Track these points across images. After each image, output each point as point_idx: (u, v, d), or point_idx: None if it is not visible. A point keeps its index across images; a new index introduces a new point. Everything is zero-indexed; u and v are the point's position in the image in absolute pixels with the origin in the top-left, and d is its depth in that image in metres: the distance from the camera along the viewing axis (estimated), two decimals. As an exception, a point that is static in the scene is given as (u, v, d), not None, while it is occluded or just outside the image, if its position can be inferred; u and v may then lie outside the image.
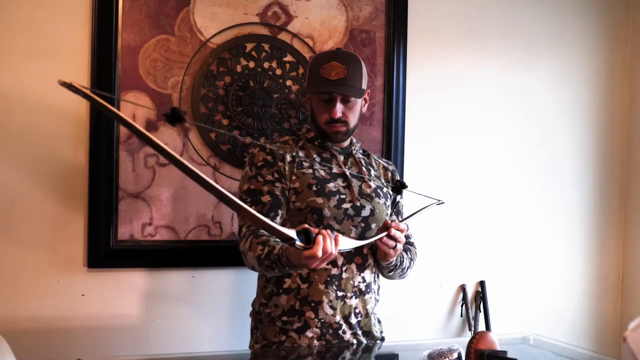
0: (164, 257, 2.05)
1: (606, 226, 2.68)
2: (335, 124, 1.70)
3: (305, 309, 1.65)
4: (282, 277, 1.67)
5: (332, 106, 1.69)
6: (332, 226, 1.65)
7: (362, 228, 1.69)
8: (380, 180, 1.81)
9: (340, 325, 1.66)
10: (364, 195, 1.72)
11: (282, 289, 1.67)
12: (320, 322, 1.65)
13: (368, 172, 1.79)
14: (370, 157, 1.86)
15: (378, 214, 1.71)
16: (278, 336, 1.67)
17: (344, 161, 1.76)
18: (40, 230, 1.94)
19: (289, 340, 1.66)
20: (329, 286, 1.65)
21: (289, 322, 1.66)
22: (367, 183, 1.74)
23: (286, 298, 1.66)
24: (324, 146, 1.75)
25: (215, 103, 2.08)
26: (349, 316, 1.67)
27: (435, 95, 2.40)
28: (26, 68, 1.92)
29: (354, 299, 1.68)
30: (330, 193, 1.66)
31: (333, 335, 1.66)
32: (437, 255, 2.43)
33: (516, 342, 1.84)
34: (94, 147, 1.97)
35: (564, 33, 2.59)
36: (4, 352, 1.28)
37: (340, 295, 1.66)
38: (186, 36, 2.06)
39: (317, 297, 1.64)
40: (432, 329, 2.43)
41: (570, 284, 2.63)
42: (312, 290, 1.64)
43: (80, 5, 1.96)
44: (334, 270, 1.65)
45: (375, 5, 2.27)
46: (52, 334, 1.96)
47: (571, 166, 2.62)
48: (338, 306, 1.66)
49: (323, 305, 1.64)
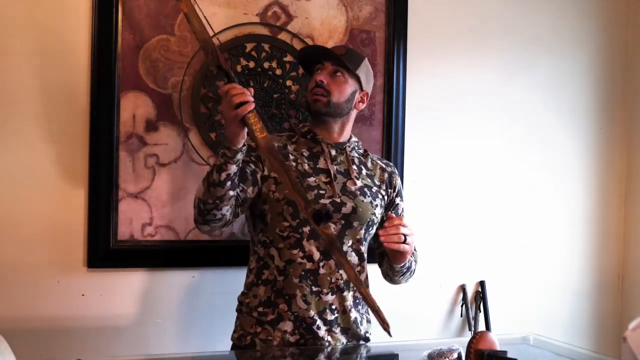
0: (164, 257, 2.05)
1: (606, 226, 2.68)
2: (317, 88, 1.71)
3: (279, 302, 1.65)
4: (262, 268, 1.68)
5: (320, 72, 1.74)
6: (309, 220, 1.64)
7: (342, 225, 1.68)
8: (373, 179, 1.79)
9: (314, 320, 1.65)
10: (347, 192, 1.70)
11: (260, 280, 1.68)
12: (294, 316, 1.64)
13: (359, 169, 1.77)
14: (368, 156, 1.85)
15: (361, 212, 1.69)
16: (254, 327, 1.67)
17: (334, 156, 1.75)
18: (40, 230, 1.94)
19: (264, 332, 1.66)
20: (303, 280, 1.65)
21: (264, 314, 1.66)
22: (352, 180, 1.73)
23: (264, 289, 1.67)
24: (316, 139, 1.75)
25: (215, 103, 2.08)
26: (324, 312, 1.66)
27: (435, 95, 2.40)
28: (26, 68, 1.92)
29: (330, 295, 1.67)
30: (309, 187, 1.66)
31: (307, 330, 1.65)
32: (437, 255, 2.42)
33: (516, 342, 1.84)
34: (94, 147, 1.96)
35: (564, 33, 2.59)
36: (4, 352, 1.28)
37: (315, 291, 1.65)
38: (186, 36, 2.05)
39: (291, 290, 1.65)
40: (432, 329, 2.43)
41: (570, 283, 2.63)
42: (286, 283, 1.65)
43: (80, 5, 1.96)
44: (309, 265, 1.65)
45: (375, 5, 2.27)
46: (52, 334, 1.96)
47: (571, 166, 2.62)
48: (312, 301, 1.65)
49: (296, 299, 1.64)
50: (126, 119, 2.00)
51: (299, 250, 1.65)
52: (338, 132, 1.78)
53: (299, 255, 1.65)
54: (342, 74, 1.73)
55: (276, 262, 1.67)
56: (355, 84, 1.76)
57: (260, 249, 1.70)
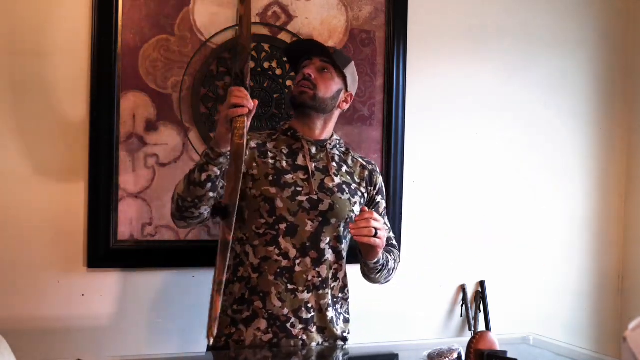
0: (164, 257, 2.05)
1: (606, 226, 2.68)
2: (304, 81, 1.72)
3: (254, 299, 1.65)
4: (237, 266, 1.68)
5: (308, 66, 1.74)
6: (286, 218, 1.64)
7: (319, 222, 1.67)
8: (352, 176, 1.78)
9: (288, 318, 1.64)
10: (325, 189, 1.70)
11: (236, 277, 1.68)
12: (268, 314, 1.64)
13: (338, 167, 1.77)
14: (349, 154, 1.84)
15: (339, 209, 1.68)
16: (229, 328, 1.67)
17: (314, 154, 1.74)
18: (41, 230, 1.94)
19: (237, 333, 1.65)
20: (278, 278, 1.64)
21: (238, 312, 1.66)
22: (330, 177, 1.72)
23: (239, 286, 1.67)
24: (296, 137, 1.75)
25: (215, 103, 2.08)
26: (299, 310, 1.65)
27: (436, 95, 2.40)
28: (26, 68, 1.92)
29: (306, 294, 1.66)
30: (286, 184, 1.66)
31: (280, 328, 1.64)
32: (437, 255, 2.42)
33: (516, 342, 1.84)
34: (94, 147, 1.97)
35: (564, 32, 2.59)
36: (4, 352, 1.28)
37: (290, 289, 1.64)
38: (186, 36, 2.05)
39: (265, 288, 1.64)
40: (432, 329, 2.43)
41: (570, 284, 2.63)
42: (261, 280, 1.64)
43: (80, 5, 1.96)
44: (285, 262, 1.64)
45: (375, 5, 2.27)
46: (52, 334, 1.96)
47: (571, 166, 2.62)
48: (288, 299, 1.64)
49: (271, 297, 1.63)
50: (126, 119, 2.00)
51: (274, 248, 1.64)
52: (320, 130, 1.77)
53: (275, 252, 1.64)
54: (330, 71, 1.74)
55: (251, 260, 1.66)
56: (341, 83, 1.76)
57: (237, 246, 1.69)
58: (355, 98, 2.26)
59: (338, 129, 2.23)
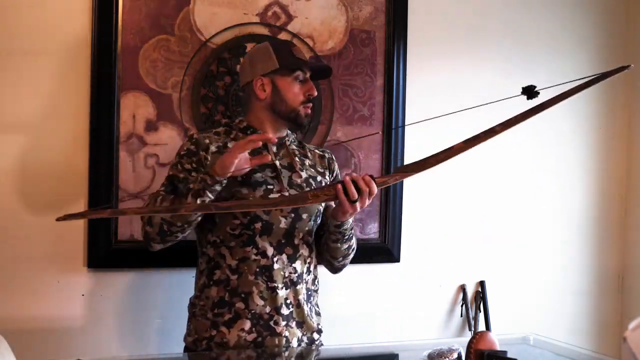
0: (164, 257, 2.04)
1: (606, 226, 2.68)
2: (309, 103, 1.72)
3: (235, 300, 1.64)
4: (213, 269, 1.67)
5: (310, 85, 1.72)
6: (260, 216, 1.64)
7: (292, 218, 1.68)
8: (316, 168, 1.79)
9: (271, 316, 1.64)
10: (294, 185, 1.70)
11: (212, 281, 1.67)
12: (251, 314, 1.64)
13: (301, 161, 1.77)
14: (305, 147, 1.84)
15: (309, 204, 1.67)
16: (209, 331, 1.66)
17: (276, 151, 1.73)
18: (40, 230, 1.94)
19: (219, 335, 1.64)
20: (258, 277, 1.64)
21: (219, 314, 1.65)
22: (297, 173, 1.72)
23: (216, 290, 1.66)
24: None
25: (215, 103, 2.08)
26: (281, 307, 1.66)
27: (435, 95, 2.39)
28: (26, 68, 1.92)
29: (284, 290, 1.66)
30: (257, 183, 1.65)
31: (264, 327, 1.64)
32: (437, 255, 2.43)
33: (516, 342, 1.84)
34: (94, 147, 1.96)
35: (564, 33, 2.59)
36: (4, 352, 1.28)
37: (271, 286, 1.65)
38: (186, 36, 2.05)
39: (246, 288, 1.64)
40: (432, 329, 2.43)
41: (570, 283, 2.63)
42: (241, 281, 1.64)
43: (80, 6, 1.96)
44: (263, 261, 1.65)
45: (375, 5, 2.27)
46: (52, 334, 1.96)
47: (571, 166, 2.62)
48: (269, 297, 1.65)
49: (253, 296, 1.63)
50: (126, 119, 2.00)
51: (252, 247, 1.64)
52: (279, 129, 1.76)
53: (253, 252, 1.64)
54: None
55: (228, 261, 1.65)
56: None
57: (210, 249, 1.69)
58: (355, 98, 2.27)
59: (338, 129, 2.24)
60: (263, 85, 1.70)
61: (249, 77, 1.72)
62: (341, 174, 2.23)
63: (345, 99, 2.24)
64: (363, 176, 1.54)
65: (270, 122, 1.73)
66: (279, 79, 1.70)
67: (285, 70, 1.69)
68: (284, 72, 1.69)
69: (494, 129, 1.60)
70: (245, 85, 1.76)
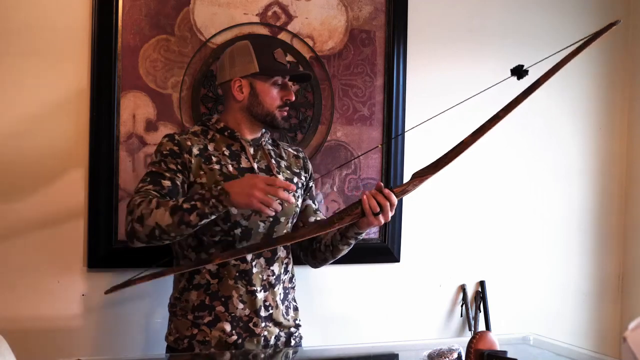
0: (164, 257, 2.04)
1: (606, 226, 2.68)
2: (286, 107, 1.73)
3: (216, 304, 1.66)
4: (193, 273, 1.68)
5: (289, 90, 1.73)
6: (240, 222, 1.64)
7: (270, 222, 1.69)
8: (291, 169, 1.80)
9: (250, 318, 1.67)
10: None
11: (192, 285, 1.68)
12: (231, 316, 1.66)
13: (277, 163, 1.78)
14: (280, 147, 1.84)
15: (286, 206, 1.68)
16: (190, 329, 1.68)
17: (253, 154, 1.73)
18: (40, 230, 1.94)
19: (201, 333, 1.66)
20: (238, 281, 1.66)
21: (199, 317, 1.67)
22: (274, 176, 1.71)
23: (196, 294, 1.67)
24: (234, 137, 1.72)
25: (215, 103, 2.08)
26: (259, 309, 1.68)
27: (435, 95, 2.39)
28: (26, 68, 1.92)
29: (263, 293, 1.69)
30: None
31: (244, 328, 1.67)
32: (437, 255, 2.43)
33: (516, 342, 1.84)
34: (94, 147, 1.96)
35: (564, 33, 2.59)
36: (4, 352, 1.28)
37: (250, 290, 1.67)
38: (186, 36, 2.05)
39: (226, 292, 1.66)
40: (432, 329, 2.43)
41: (570, 283, 2.63)
42: (221, 285, 1.66)
43: (80, 5, 1.96)
44: (243, 265, 1.66)
45: (375, 5, 2.27)
46: (52, 334, 1.96)
47: (571, 166, 2.62)
48: (248, 300, 1.67)
49: (233, 300, 1.66)
50: (126, 119, 2.00)
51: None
52: (255, 130, 1.76)
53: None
54: None
55: (208, 266, 1.66)
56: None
57: (191, 253, 1.69)
58: (355, 98, 2.27)
59: (338, 129, 2.24)
60: (241, 87, 1.69)
61: (227, 76, 1.71)
62: (341, 174, 2.24)
63: (345, 99, 2.24)
64: (382, 190, 1.56)
65: (246, 123, 1.73)
66: (257, 82, 1.69)
67: (264, 74, 1.69)
68: (263, 76, 1.69)
69: (497, 115, 1.62)
70: (222, 83, 1.74)
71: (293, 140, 2.15)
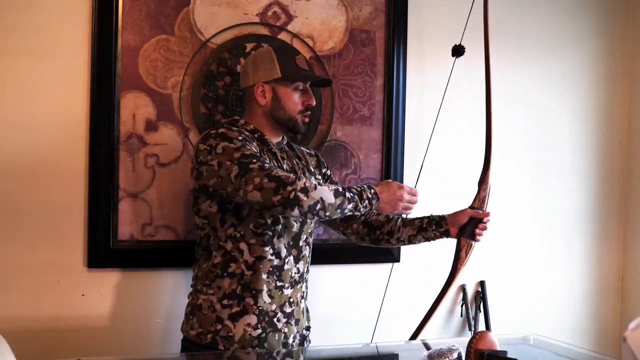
0: (164, 257, 2.05)
1: (606, 226, 2.68)
2: (308, 112, 1.79)
3: (246, 295, 1.69)
4: (229, 262, 1.71)
5: (310, 95, 1.79)
6: (280, 219, 1.71)
7: (301, 222, 1.77)
8: (308, 169, 1.88)
9: (275, 313, 1.72)
10: None
11: (226, 273, 1.71)
12: (258, 310, 1.69)
13: (298, 164, 1.85)
14: (294, 148, 1.90)
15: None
16: (214, 325, 1.69)
17: (281, 156, 1.79)
18: (40, 230, 1.94)
19: (225, 329, 1.68)
20: (270, 276, 1.71)
21: (228, 306, 1.69)
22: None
23: (229, 282, 1.70)
24: (264, 140, 1.76)
25: (215, 103, 2.08)
26: (284, 305, 1.73)
27: (435, 95, 2.39)
28: (26, 68, 1.92)
29: (289, 289, 1.75)
30: None
31: (268, 323, 1.70)
32: (437, 255, 2.42)
33: (516, 342, 1.84)
34: (94, 147, 1.96)
35: (564, 33, 2.59)
36: (4, 352, 1.28)
37: (279, 285, 1.72)
38: (186, 36, 2.05)
39: (258, 285, 1.69)
40: (432, 329, 2.43)
41: (571, 284, 2.63)
42: (255, 278, 1.70)
43: (80, 6, 1.96)
44: (276, 261, 1.71)
45: (375, 5, 2.27)
46: (52, 334, 1.96)
47: (571, 166, 2.62)
48: (276, 295, 1.71)
49: (262, 294, 1.70)
50: (126, 119, 2.00)
51: (269, 248, 1.71)
52: (277, 134, 1.82)
53: (269, 252, 1.71)
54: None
55: (245, 257, 1.70)
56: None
57: (228, 243, 1.71)
58: (355, 98, 2.27)
59: (338, 129, 2.24)
60: (264, 92, 1.76)
61: (250, 81, 1.78)
62: (341, 174, 2.24)
63: (345, 99, 2.24)
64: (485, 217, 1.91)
65: (268, 127, 1.79)
66: (279, 87, 1.75)
67: (286, 80, 1.74)
68: (285, 82, 1.74)
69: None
70: (245, 88, 1.81)
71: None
